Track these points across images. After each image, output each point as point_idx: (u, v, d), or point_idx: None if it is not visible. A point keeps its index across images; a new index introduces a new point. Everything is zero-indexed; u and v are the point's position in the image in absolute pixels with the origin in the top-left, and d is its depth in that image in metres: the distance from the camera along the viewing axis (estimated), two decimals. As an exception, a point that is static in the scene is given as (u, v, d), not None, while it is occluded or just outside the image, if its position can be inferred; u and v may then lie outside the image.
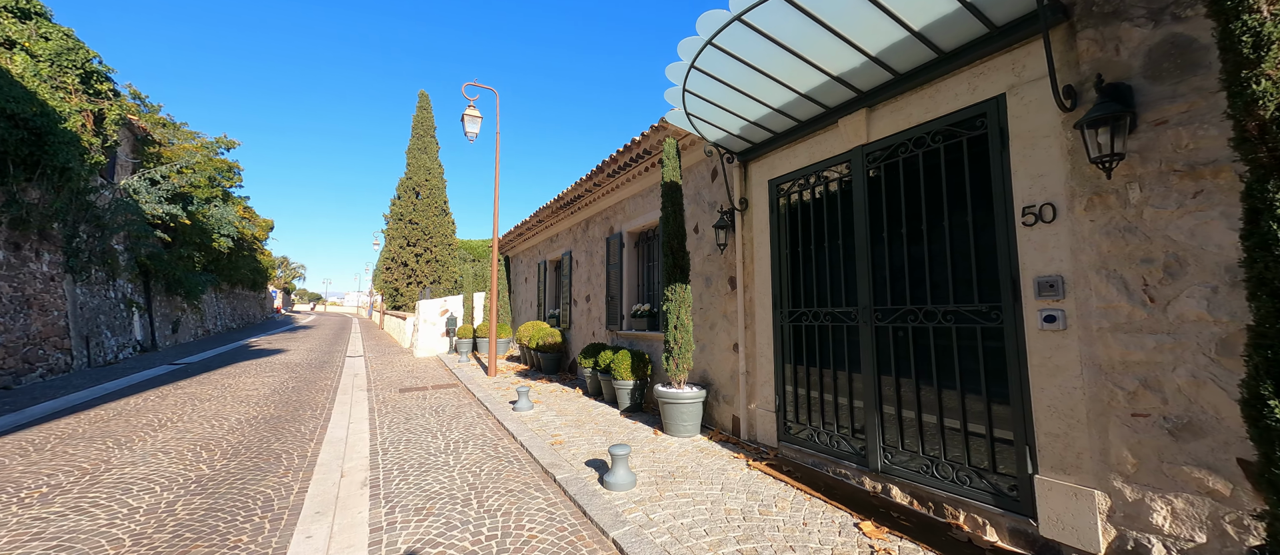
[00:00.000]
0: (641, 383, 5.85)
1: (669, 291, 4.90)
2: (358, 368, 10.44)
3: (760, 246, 4.47)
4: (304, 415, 6.03)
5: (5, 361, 7.38)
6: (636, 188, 6.79)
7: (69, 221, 9.47)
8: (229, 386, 7.93)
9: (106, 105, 9.95)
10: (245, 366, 10.36)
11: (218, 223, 15.71)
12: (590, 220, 8.48)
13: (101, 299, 10.80)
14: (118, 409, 6.24)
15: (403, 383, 8.55)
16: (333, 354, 13.06)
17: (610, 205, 7.64)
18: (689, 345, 4.82)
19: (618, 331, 7.18)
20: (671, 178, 5.00)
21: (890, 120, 3.34)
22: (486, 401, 6.56)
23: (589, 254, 8.48)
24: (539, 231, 11.01)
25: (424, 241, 26.67)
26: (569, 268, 9.26)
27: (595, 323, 8.11)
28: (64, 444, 4.72)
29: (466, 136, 8.84)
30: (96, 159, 9.03)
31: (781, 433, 4.13)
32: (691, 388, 4.91)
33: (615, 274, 7.34)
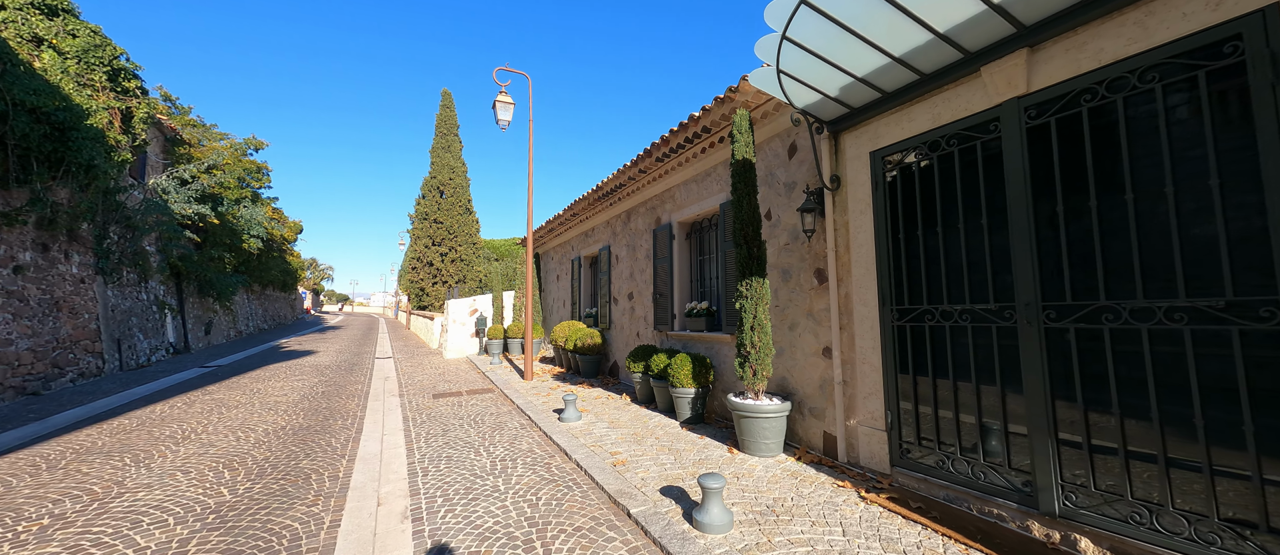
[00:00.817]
0: (704, 391, 5.18)
1: (743, 287, 4.21)
2: (388, 370, 10.05)
3: (859, 232, 3.75)
4: (334, 425, 5.56)
5: (34, 366, 7.15)
6: (690, 172, 6.11)
7: (98, 222, 9.29)
8: (257, 392, 7.57)
9: (134, 103, 9.75)
10: (275, 369, 10.07)
11: (247, 223, 15.64)
12: (632, 212, 7.83)
13: (133, 301, 10.67)
14: (142, 418, 5.87)
15: (435, 387, 8.07)
16: (361, 356, 12.77)
17: (657, 194, 6.98)
18: (768, 349, 4.13)
19: (668, 332, 6.52)
20: (744, 155, 4.30)
21: (1065, 61, 2.58)
22: (528, 410, 5.98)
23: (631, 248, 7.84)
24: (573, 226, 10.43)
25: (449, 241, 26.51)
26: (608, 264, 8.64)
27: (640, 323, 7.47)
28: (79, 460, 4.30)
29: (498, 124, 8.30)
30: (124, 157, 8.80)
31: (896, 456, 3.40)
32: (774, 399, 4.22)
33: (664, 269, 6.68)
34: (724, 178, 5.55)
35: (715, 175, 5.69)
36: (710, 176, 5.79)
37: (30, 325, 7.12)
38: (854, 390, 3.79)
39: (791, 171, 4.53)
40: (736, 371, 4.25)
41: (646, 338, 7.21)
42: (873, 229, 3.63)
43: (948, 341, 3.11)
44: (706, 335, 5.70)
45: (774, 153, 4.73)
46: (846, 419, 3.83)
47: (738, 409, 4.12)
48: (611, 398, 6.64)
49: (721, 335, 5.43)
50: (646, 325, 7.23)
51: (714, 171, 5.71)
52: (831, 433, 3.98)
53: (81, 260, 8.71)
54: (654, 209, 7.12)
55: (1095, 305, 2.45)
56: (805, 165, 4.36)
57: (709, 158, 5.71)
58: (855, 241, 3.79)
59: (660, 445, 4.47)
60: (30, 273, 7.26)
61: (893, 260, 3.51)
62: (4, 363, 6.57)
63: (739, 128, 4.34)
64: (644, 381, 6.15)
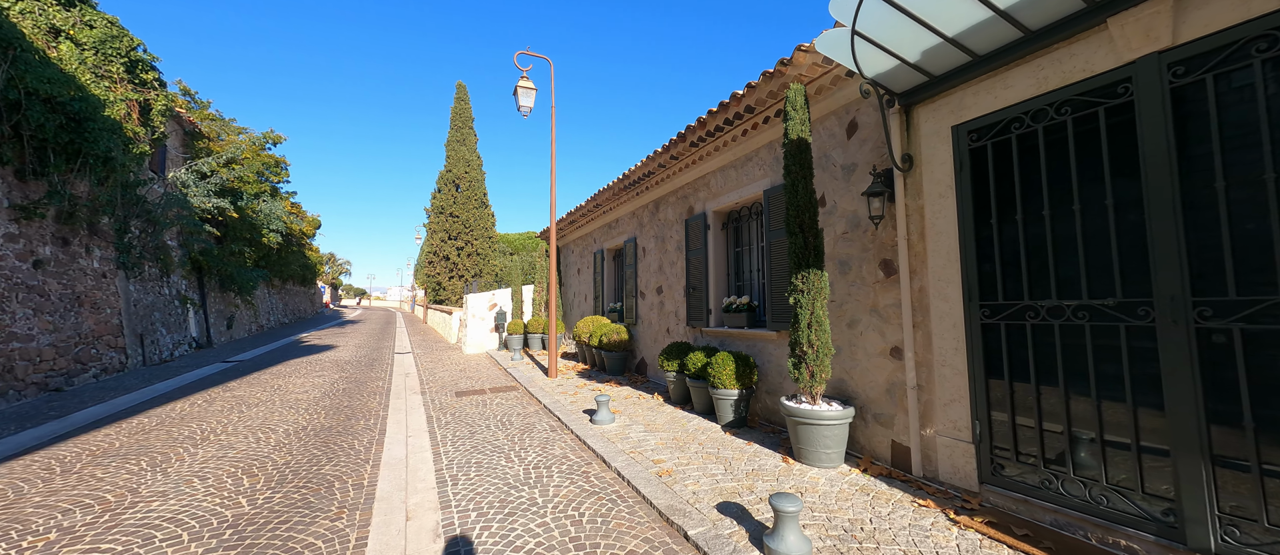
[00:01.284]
0: (747, 393, 4.80)
1: (797, 279, 3.81)
2: (408, 366, 9.86)
3: (938, 217, 3.32)
4: (356, 425, 5.31)
5: (56, 362, 7.06)
6: (728, 157, 5.69)
7: (119, 216, 9.21)
8: (279, 389, 7.40)
9: (152, 95, 9.63)
10: (296, 365, 9.94)
11: (266, 218, 15.62)
12: (662, 201, 7.44)
13: (156, 296, 10.63)
14: (162, 416, 5.70)
15: (458, 384, 7.82)
16: (381, 350, 12.64)
17: (690, 181, 6.57)
18: (827, 349, 3.73)
19: (702, 329, 6.15)
20: (799, 133, 3.88)
21: (1229, 3, 2.12)
22: (556, 410, 5.67)
23: (660, 239, 7.46)
24: (595, 218, 10.08)
25: (465, 235, 26.40)
26: (634, 256, 8.28)
27: (670, 318, 7.10)
28: (95, 463, 4.10)
29: (520, 111, 7.95)
30: (142, 149, 8.67)
31: (987, 473, 2.99)
32: (834, 404, 3.82)
33: (698, 261, 6.29)
34: (767, 162, 5.13)
35: (757, 159, 5.27)
36: (751, 161, 5.37)
37: (51, 320, 7.02)
38: (931, 396, 3.38)
39: (851, 152, 4.09)
40: (789, 373, 3.86)
41: (678, 334, 6.84)
42: (955, 214, 3.20)
43: (1056, 342, 2.68)
44: (747, 332, 5.31)
45: (829, 133, 4.30)
46: (922, 428, 3.42)
47: (793, 415, 3.74)
48: (642, 397, 6.29)
49: (765, 332, 5.03)
50: (678, 321, 6.86)
51: (756, 156, 5.29)
52: (903, 443, 3.58)
53: (103, 255, 8.63)
54: (686, 198, 6.72)
55: (1271, 301, 2.01)
56: (869, 144, 3.92)
57: (750, 140, 5.29)
58: (932, 229, 3.36)
59: (706, 453, 4.11)
60: (50, 267, 7.16)
61: (981, 250, 3.08)
62: (25, 359, 6.47)
63: (793, 103, 3.92)
64: (679, 381, 5.79)
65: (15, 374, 6.28)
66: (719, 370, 4.80)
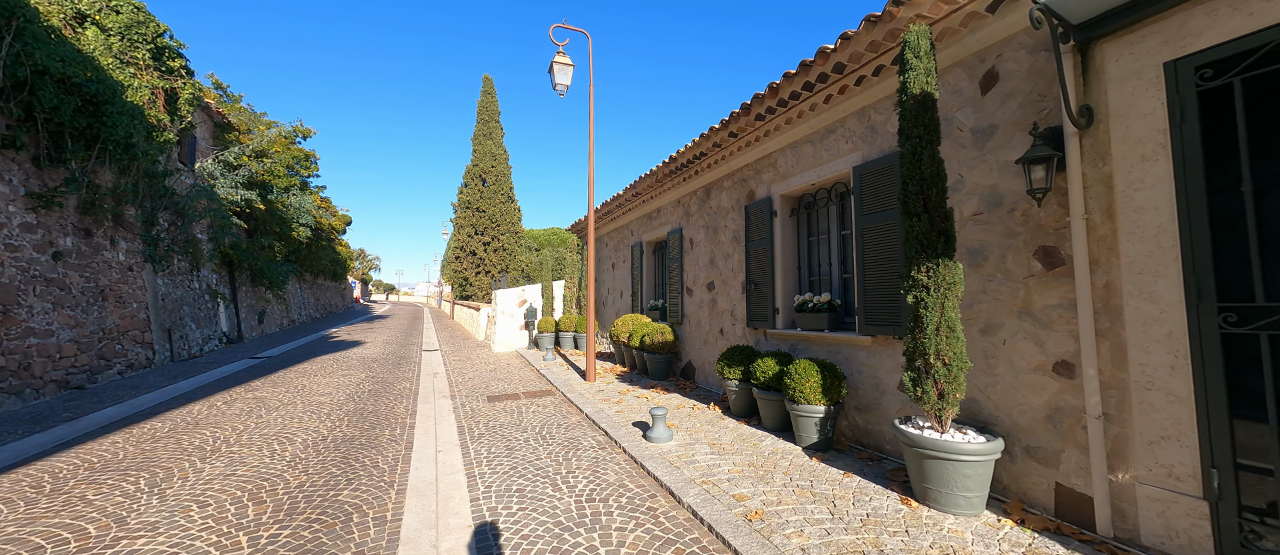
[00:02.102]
0: (835, 409, 4.00)
1: (921, 272, 2.99)
2: (436, 365, 9.36)
3: (1139, 188, 2.45)
4: (381, 436, 4.73)
5: (78, 358, 6.76)
6: (802, 130, 4.87)
7: (147, 207, 8.96)
8: (302, 389, 6.94)
9: (179, 83, 9.35)
10: (322, 362, 9.57)
11: (296, 212, 15.47)
12: (714, 187, 6.65)
13: (185, 290, 10.43)
14: (176, 421, 5.26)
15: (488, 387, 7.23)
16: (408, 347, 12.25)
17: (751, 162, 5.77)
18: (962, 361, 2.90)
19: (768, 331, 5.35)
20: (922, 87, 3.04)
21: None
22: (601, 421, 4.97)
23: (712, 230, 6.67)
24: (633, 208, 9.35)
25: (491, 230, 26.12)
26: (679, 249, 7.51)
27: (724, 318, 6.32)
28: (90, 480, 3.60)
29: (555, 89, 7.28)
30: (166, 137, 8.37)
31: (1233, 543, 2.13)
32: (969, 432, 3.00)
33: (760, 253, 5.48)
34: (857, 133, 4.28)
35: (843, 131, 4.43)
36: (834, 134, 4.53)
37: (72, 315, 6.72)
38: (1125, 429, 2.52)
39: (986, 112, 3.23)
40: (906, 390, 3.05)
41: (735, 336, 6.05)
42: (1172, 182, 2.33)
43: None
44: (828, 336, 4.49)
45: (953, 89, 3.44)
46: (1113, 472, 2.57)
47: (916, 444, 2.92)
48: (697, 408, 5.54)
49: (853, 337, 4.21)
50: (734, 321, 6.07)
51: (841, 127, 4.45)
52: (1076, 489, 2.72)
53: (129, 247, 8.37)
54: (745, 181, 5.92)
55: None
56: (1016, 100, 3.06)
57: (833, 109, 4.45)
58: (1127, 204, 2.49)
59: (796, 486, 3.33)
60: (72, 259, 6.86)
61: (1218, 232, 2.21)
62: (43, 355, 6.15)
63: (915, 48, 3.08)
64: (742, 391, 5.01)
65: (33, 372, 5.96)
66: (800, 382, 4.00)
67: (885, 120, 4.01)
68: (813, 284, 5.26)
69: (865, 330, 4.08)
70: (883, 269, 3.94)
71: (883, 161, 3.97)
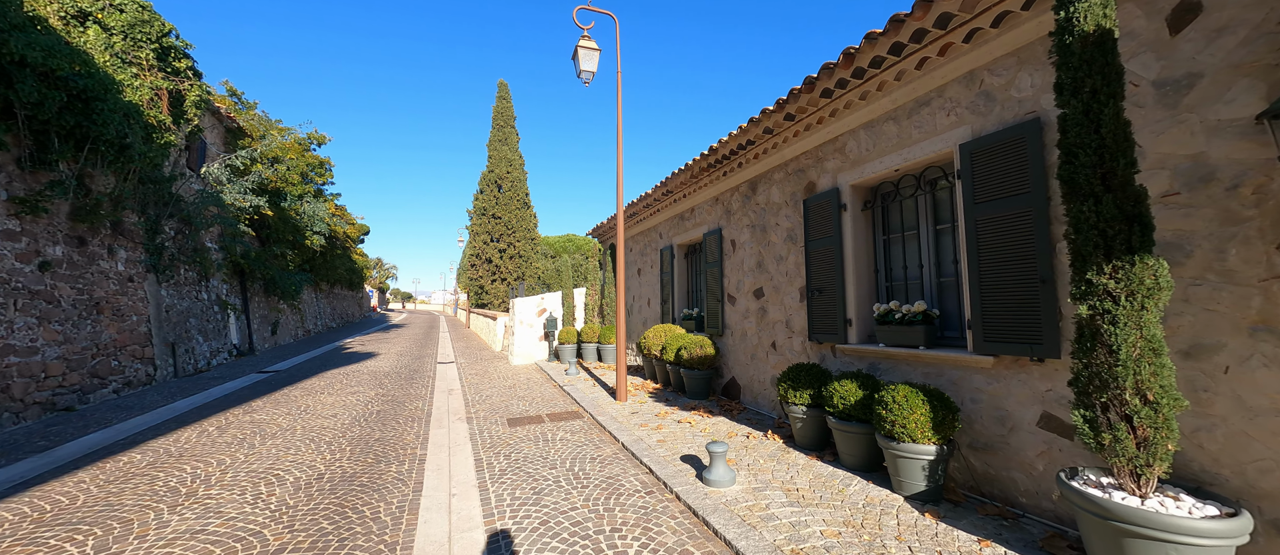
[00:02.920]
0: (947, 448, 3.16)
1: (1103, 274, 2.16)
2: (451, 379, 8.69)
3: None
4: (386, 474, 4.02)
5: (67, 377, 6.23)
6: (882, 106, 4.06)
7: (150, 214, 8.51)
8: (305, 410, 6.30)
9: (185, 85, 8.92)
10: (331, 378, 8.98)
11: (310, 219, 15.08)
12: (762, 180, 5.86)
13: (192, 301, 9.97)
14: (158, 451, 4.62)
15: (508, 407, 6.50)
16: (422, 359, 11.64)
17: (810, 149, 4.97)
18: (1174, 398, 2.06)
19: (837, 346, 4.51)
20: (1096, 21, 2.22)
21: None
22: (643, 455, 4.19)
23: (759, 229, 5.87)
24: (663, 208, 8.60)
25: (507, 236, 25.66)
26: (718, 252, 6.72)
27: (777, 330, 5.50)
28: (32, 537, 2.94)
29: (579, 77, 6.59)
30: (167, 138, 7.90)
31: None
32: (1195, 500, 2.14)
33: (825, 255, 4.67)
34: (961, 102, 3.46)
35: (943, 101, 3.61)
36: (929, 106, 3.71)
37: (61, 330, 6.20)
38: None
39: (1182, 57, 2.40)
40: (1084, 437, 2.21)
41: (792, 351, 5.22)
42: None
43: None
44: (925, 354, 3.65)
45: (1124, 31, 2.61)
46: None
47: (1113, 516, 2.08)
48: (752, 436, 4.72)
49: (962, 355, 3.36)
50: (791, 334, 5.25)
51: (941, 95, 3.63)
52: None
53: (129, 256, 7.89)
54: (803, 172, 5.12)
55: None
56: (1236, 36, 2.22)
57: (930, 75, 3.64)
58: None
59: (922, 560, 2.50)
60: (62, 270, 6.35)
61: None
62: (25, 375, 5.62)
63: (1087, -29, 2.26)
64: (811, 419, 4.19)
65: (12, 394, 5.42)
66: (901, 413, 3.17)
67: (1006, 84, 3.19)
68: (892, 291, 4.42)
69: (984, 348, 3.23)
70: (1008, 270, 3.10)
71: (1003, 136, 3.14)
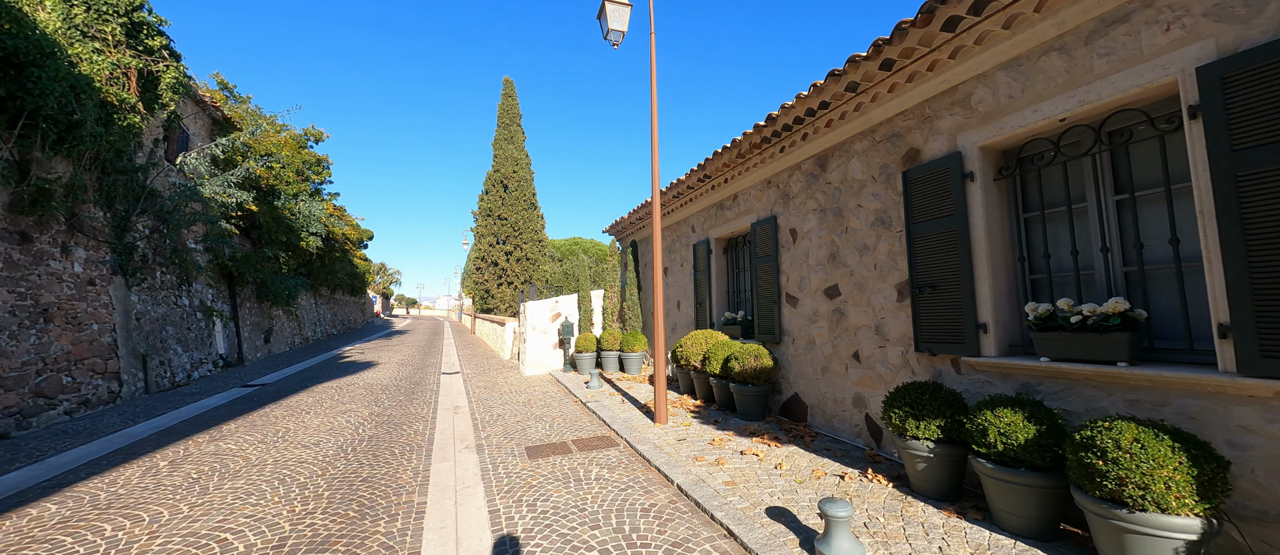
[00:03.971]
0: (1216, 524, 2.07)
1: None
2: (457, 395, 7.64)
3: None
4: (372, 534, 2.97)
5: (3, 399, 5.22)
6: (1043, 32, 2.99)
7: (119, 209, 7.54)
8: (285, 436, 5.27)
9: (160, 66, 7.97)
10: (323, 392, 7.95)
11: (306, 219, 14.13)
12: (834, 153, 4.80)
13: (170, 307, 8.99)
14: (81, 499, 3.59)
15: (526, 430, 5.44)
16: (425, 369, 10.61)
17: (913, 106, 3.91)
18: None
19: (967, 359, 3.43)
20: None
21: None
22: (713, 507, 3.12)
23: (832, 213, 4.81)
24: (697, 196, 7.54)
25: (514, 239, 24.67)
26: (772, 244, 5.66)
27: (861, 337, 4.42)
28: None
29: (607, 38, 5.56)
30: (131, 120, 6.92)
31: None
32: None
33: (942, 240, 3.60)
34: (1194, 9, 2.39)
35: (1157, 11, 2.54)
36: (1128, 22, 2.64)
37: (-7, 343, 5.20)
38: None
39: None
40: None
41: (888, 365, 4.13)
42: None
43: None
44: (1134, 374, 2.56)
45: None
46: None
47: None
48: (847, 476, 3.64)
49: (1212, 378, 2.28)
50: (885, 342, 4.16)
51: (1153, 3, 2.56)
52: None
53: (90, 256, 6.91)
54: (899, 137, 4.05)
55: None
56: None
57: (1128, -19, 2.56)
58: None
59: None
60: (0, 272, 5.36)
61: None
62: (-61, 398, 4.61)
63: None
64: (942, 459, 3.11)
65: (-81, 421, 4.41)
66: (1139, 466, 2.09)
67: (1289, -31, 2.12)
68: (1037, 286, 3.34)
69: (1258, 367, 2.15)
70: (1307, 250, 2.02)
71: None
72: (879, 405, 4.19)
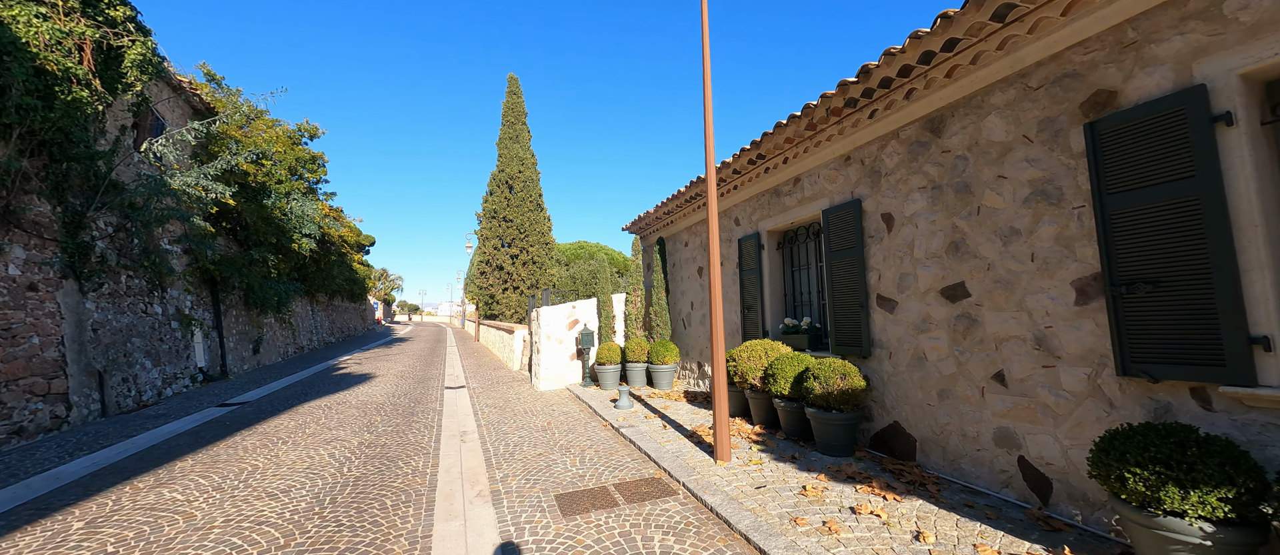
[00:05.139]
0: None
1: None
2: (463, 415, 6.54)
3: None
4: None
5: (-107, 433, 4.14)
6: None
7: (72, 203, 6.50)
8: (249, 479, 4.18)
9: (124, 41, 6.95)
10: (308, 413, 6.86)
11: (299, 220, 13.08)
12: (954, 112, 3.70)
13: (137, 316, 7.93)
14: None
15: (552, 469, 4.33)
16: (427, 383, 9.51)
17: (1099, 32, 2.82)
18: None
19: (1229, 390, 2.32)
20: None
21: None
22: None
23: (952, 190, 3.71)
24: (744, 182, 6.45)
25: (520, 241, 23.62)
26: (856, 233, 4.56)
27: (1010, 353, 3.30)
28: None
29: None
30: (79, 95, 5.88)
31: None
32: None
33: (1173, 218, 2.51)
34: None
35: None
36: None
37: (-120, 363, 4.13)
38: None
39: None
40: None
41: (1063, 392, 3.01)
42: None
43: None
44: None
45: None
46: None
47: None
48: (1014, 547, 2.52)
49: None
50: (1054, 360, 3.04)
51: None
52: None
53: (31, 257, 5.86)
54: (1069, 80, 2.96)
55: None
56: None
57: None
58: None
59: None
60: (-110, 272, 4.30)
61: None
62: None
63: None
64: (1229, 552, 1.98)
65: None
66: None
67: None
68: (1335, 278, 2.23)
69: None
70: None
71: None
72: (1043, 446, 3.07)
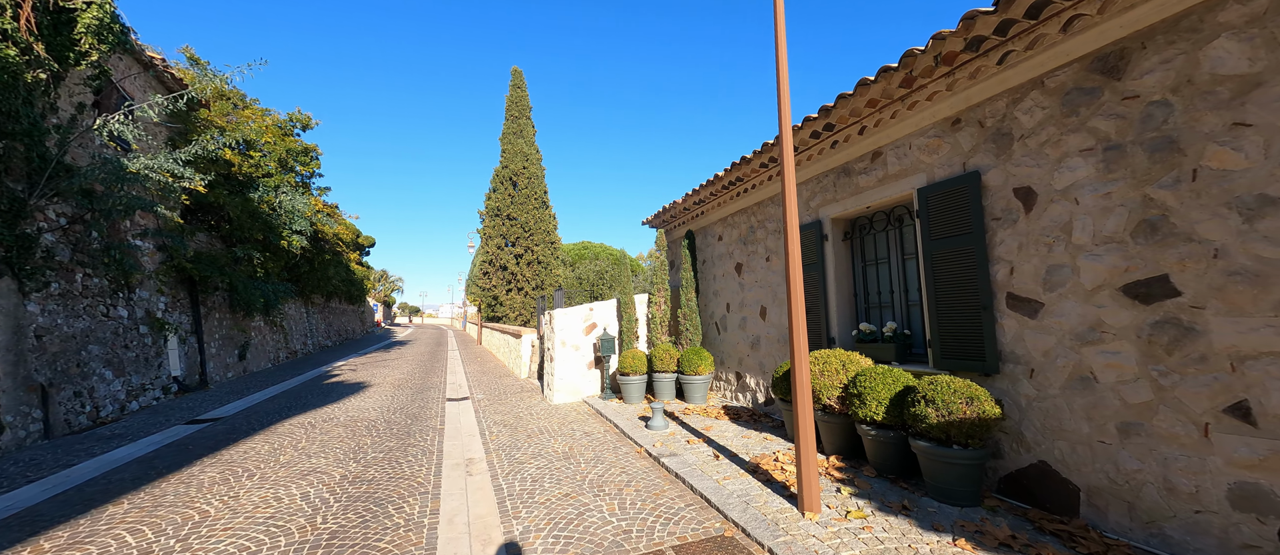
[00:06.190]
0: None
1: None
2: (467, 437, 5.54)
3: None
4: None
5: None
6: None
7: (10, 188, 5.54)
8: (195, 531, 3.19)
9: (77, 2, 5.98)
10: (288, 431, 5.87)
11: (288, 215, 12.12)
12: (1133, 50, 2.71)
13: (95, 320, 6.95)
14: None
15: (585, 517, 3.33)
16: (426, 394, 8.51)
17: None
18: None
19: None
20: None
21: None
22: None
23: (1127, 152, 2.72)
24: (807, 160, 5.47)
25: (525, 240, 22.64)
26: (972, 215, 3.58)
27: (1248, 373, 2.31)
28: None
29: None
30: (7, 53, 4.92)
31: None
32: None
33: None
34: None
35: None
36: None
37: None
38: None
39: None
40: None
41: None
42: None
43: None
44: None
45: None
46: None
47: None
48: None
49: None
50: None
51: None
52: None
53: (-50, 250, 4.89)
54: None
55: None
56: None
57: None
58: None
59: None
60: None
61: None
62: None
63: None
64: None
65: None
66: None
67: None
68: None
69: None
70: None
71: None
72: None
